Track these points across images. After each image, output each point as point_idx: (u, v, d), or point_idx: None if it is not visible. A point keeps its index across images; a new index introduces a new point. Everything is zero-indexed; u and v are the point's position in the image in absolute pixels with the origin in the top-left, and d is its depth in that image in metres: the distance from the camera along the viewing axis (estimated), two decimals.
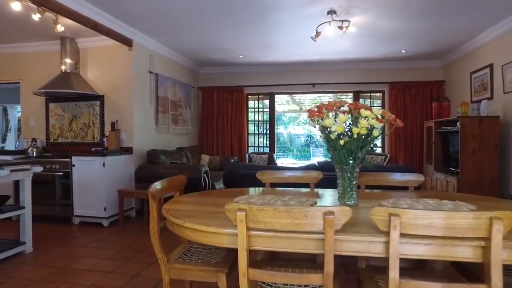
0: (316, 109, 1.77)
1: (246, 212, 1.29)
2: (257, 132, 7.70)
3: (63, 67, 4.91)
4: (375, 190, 2.34)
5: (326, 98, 10.69)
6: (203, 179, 4.56)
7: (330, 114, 1.76)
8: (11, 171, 3.16)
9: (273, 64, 6.96)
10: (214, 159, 6.52)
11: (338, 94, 8.87)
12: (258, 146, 7.59)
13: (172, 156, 5.42)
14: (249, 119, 7.46)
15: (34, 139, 4.94)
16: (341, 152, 1.71)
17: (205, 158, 6.53)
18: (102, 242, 3.77)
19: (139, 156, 5.02)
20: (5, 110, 9.53)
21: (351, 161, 1.72)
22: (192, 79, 6.97)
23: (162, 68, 5.67)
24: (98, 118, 5.03)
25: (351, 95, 7.37)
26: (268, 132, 7.50)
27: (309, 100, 11.39)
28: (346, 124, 1.69)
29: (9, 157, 4.73)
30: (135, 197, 4.30)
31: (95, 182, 4.35)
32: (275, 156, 7.13)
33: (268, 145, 7.49)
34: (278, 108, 7.80)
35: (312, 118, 1.76)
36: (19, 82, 5.52)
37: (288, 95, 9.19)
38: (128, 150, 4.85)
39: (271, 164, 6.84)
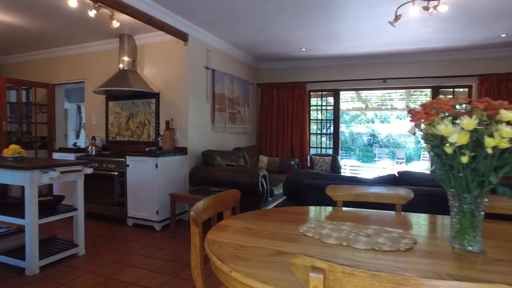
0: (420, 109, 1.22)
1: (325, 275, 0.81)
2: (319, 132, 7.12)
3: (121, 65, 4.83)
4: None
5: (396, 95, 9.71)
6: (260, 184, 4.15)
7: (441, 116, 1.20)
8: (62, 172, 3.03)
9: (338, 58, 6.32)
10: (273, 160, 6.09)
11: (411, 90, 7.92)
12: (321, 148, 7.00)
13: (229, 157, 5.09)
14: (311, 118, 6.90)
15: (93, 138, 4.94)
16: (462, 174, 1.15)
17: (264, 160, 6.13)
18: (152, 249, 3.54)
19: (194, 157, 4.77)
20: (79, 108, 10.10)
21: (477, 188, 1.15)
22: (250, 75, 6.61)
23: (219, 64, 5.36)
24: (153, 116, 4.87)
25: (428, 91, 6.46)
26: (331, 132, 6.88)
27: (376, 97, 10.47)
28: (470, 132, 1.12)
29: (71, 155, 4.77)
30: (188, 202, 4.04)
31: (147, 184, 4.16)
32: (339, 158, 6.49)
33: (331, 146, 6.87)
34: (341, 105, 7.11)
35: (416, 122, 1.22)
36: (83, 82, 5.61)
37: (353, 92, 8.47)
38: (183, 151, 4.61)
39: (335, 167, 6.23)
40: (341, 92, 6.81)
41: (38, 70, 6.12)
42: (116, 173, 4.38)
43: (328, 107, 6.94)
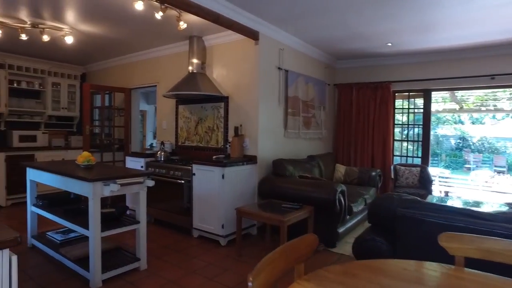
0: None
1: None
2: (404, 138, 6.24)
3: (190, 68, 4.66)
4: None
5: (504, 94, 8.23)
6: (338, 201, 3.59)
7: None
8: (123, 185, 2.86)
9: (431, 52, 5.41)
10: (351, 170, 5.43)
11: None
12: (406, 156, 6.12)
13: (302, 166, 4.61)
14: (395, 122, 6.06)
15: (162, 143, 4.86)
16: None
17: (341, 170, 5.50)
18: (215, 270, 3.23)
19: (264, 166, 4.38)
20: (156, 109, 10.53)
21: None
22: (327, 75, 6.02)
23: (292, 64, 4.90)
24: (222, 121, 4.60)
25: None
26: (420, 138, 5.95)
27: (476, 96, 9.01)
28: None
29: (141, 160, 4.75)
30: (255, 219, 3.65)
31: (213, 195, 3.88)
32: (429, 170, 5.56)
33: (419, 155, 5.95)
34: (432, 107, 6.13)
35: None
36: (156, 85, 5.62)
37: (446, 92, 7.32)
38: (252, 159, 4.26)
39: (425, 180, 5.34)
40: (433, 93, 5.85)
41: (117, 75, 6.34)
42: (183, 181, 4.20)
43: (416, 110, 6.03)
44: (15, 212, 5.21)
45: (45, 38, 4.42)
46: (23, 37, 4.38)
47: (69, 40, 4.50)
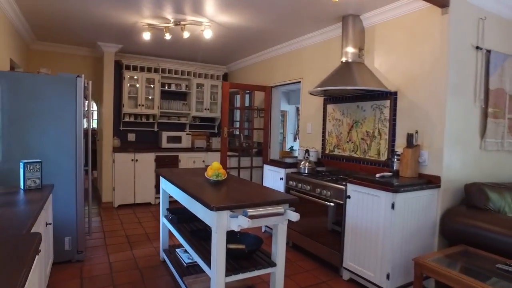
0: None
1: None
2: None
3: (343, 58, 3.63)
4: None
5: None
6: None
7: None
8: (255, 217, 2.06)
9: None
10: None
11: None
12: None
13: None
14: None
15: (307, 151, 3.98)
16: None
17: None
18: None
19: (450, 192, 3.01)
20: (297, 110, 9.91)
21: None
22: None
23: (497, 40, 3.31)
24: (387, 125, 3.41)
25: None
26: None
27: None
28: None
29: (281, 172, 4.01)
30: (441, 280, 2.36)
31: (376, 229, 2.77)
32: None
33: None
34: None
35: None
36: (299, 81, 4.81)
37: None
38: (432, 181, 2.95)
39: None
40: None
41: (257, 73, 5.83)
42: (332, 204, 3.22)
43: None
44: None
45: (186, 35, 4.12)
46: (167, 36, 4.20)
47: (208, 34, 4.08)
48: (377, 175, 3.00)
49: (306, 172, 3.79)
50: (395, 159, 3.19)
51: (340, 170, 3.93)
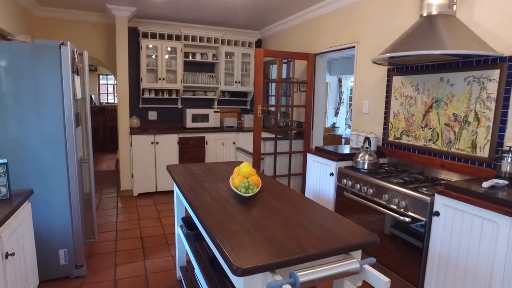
0: None
1: None
2: None
3: (423, 11, 2.54)
4: None
5: None
6: None
7: None
8: (305, 284, 1.19)
9: None
10: None
11: None
12: None
13: None
14: None
15: (367, 139, 2.99)
16: None
17: None
18: None
19: None
20: (340, 81, 8.75)
21: None
22: None
23: None
24: (491, 107, 2.35)
25: None
26: None
27: None
28: None
29: (332, 165, 3.09)
30: None
31: (483, 268, 1.82)
32: None
33: None
34: None
35: None
36: (354, 46, 3.75)
37: None
38: None
39: None
40: None
41: (298, 38, 4.79)
42: (407, 219, 2.29)
43: None
44: None
45: None
46: None
47: None
48: (485, 183, 2.00)
49: (365, 168, 2.85)
50: (508, 157, 2.16)
51: (408, 164, 2.95)
